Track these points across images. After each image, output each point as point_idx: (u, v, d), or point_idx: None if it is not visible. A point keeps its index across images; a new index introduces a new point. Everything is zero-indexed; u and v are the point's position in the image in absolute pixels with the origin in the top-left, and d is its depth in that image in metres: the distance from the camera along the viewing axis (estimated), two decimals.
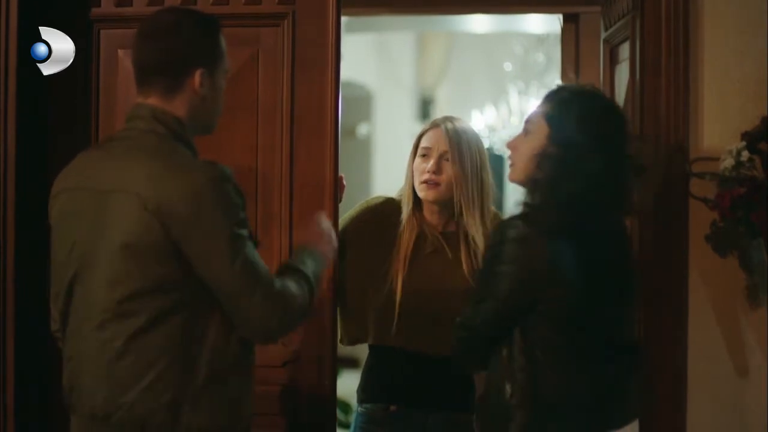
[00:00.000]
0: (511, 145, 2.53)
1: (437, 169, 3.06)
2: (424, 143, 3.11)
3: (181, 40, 2.28)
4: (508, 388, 2.38)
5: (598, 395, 2.41)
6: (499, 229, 2.43)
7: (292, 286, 2.29)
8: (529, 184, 2.46)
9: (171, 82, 2.28)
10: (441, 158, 3.07)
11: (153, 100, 2.29)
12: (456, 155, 3.06)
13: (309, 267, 2.38)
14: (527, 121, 2.52)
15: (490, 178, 3.11)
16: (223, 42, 2.36)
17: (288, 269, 2.37)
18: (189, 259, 2.18)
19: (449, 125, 3.10)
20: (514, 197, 2.50)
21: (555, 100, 2.49)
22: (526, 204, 2.44)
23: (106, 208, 2.22)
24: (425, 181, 3.07)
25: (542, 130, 2.45)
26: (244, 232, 2.22)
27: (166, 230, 2.16)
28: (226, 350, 2.24)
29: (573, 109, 2.44)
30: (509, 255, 2.37)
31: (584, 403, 2.39)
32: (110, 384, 2.20)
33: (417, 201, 3.12)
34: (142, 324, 2.18)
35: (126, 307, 2.19)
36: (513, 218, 2.42)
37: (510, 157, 2.53)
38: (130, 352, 2.19)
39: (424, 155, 3.09)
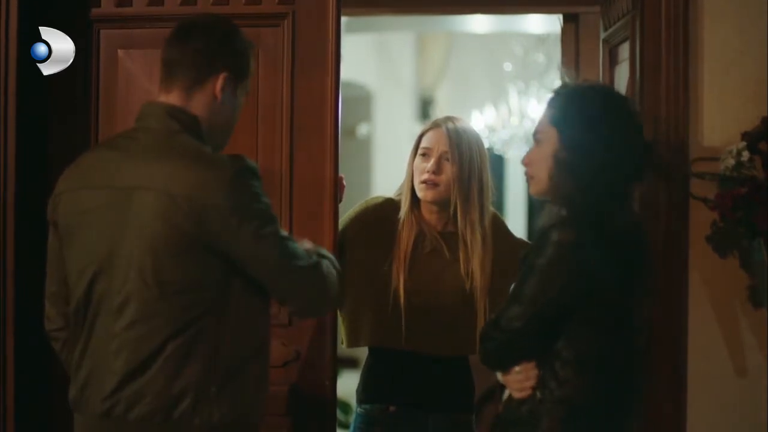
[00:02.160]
0: (527, 160, 2.48)
1: (437, 169, 3.05)
2: (424, 143, 3.10)
3: (215, 40, 2.33)
4: (538, 393, 2.33)
5: (624, 402, 2.38)
6: (543, 232, 2.36)
7: (326, 262, 2.37)
8: (556, 195, 2.42)
9: (195, 77, 2.30)
10: (441, 158, 3.06)
11: (173, 97, 2.30)
12: (456, 156, 3.05)
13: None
14: (536, 132, 2.48)
15: (490, 178, 3.11)
16: (253, 64, 2.42)
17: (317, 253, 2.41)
18: (227, 249, 2.19)
19: (450, 125, 3.09)
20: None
21: (556, 102, 2.46)
22: (561, 213, 2.40)
23: (129, 206, 2.21)
24: (425, 181, 3.06)
25: (552, 136, 2.42)
26: (273, 214, 2.27)
27: (201, 225, 2.17)
28: (244, 344, 2.26)
29: (577, 107, 2.41)
30: (553, 259, 2.31)
31: (612, 410, 2.35)
32: (134, 379, 2.20)
33: (416, 200, 3.12)
34: (167, 321, 2.19)
35: (153, 304, 2.19)
36: (556, 222, 2.36)
37: (527, 173, 2.49)
38: (155, 348, 2.19)
39: (424, 155, 3.09)
